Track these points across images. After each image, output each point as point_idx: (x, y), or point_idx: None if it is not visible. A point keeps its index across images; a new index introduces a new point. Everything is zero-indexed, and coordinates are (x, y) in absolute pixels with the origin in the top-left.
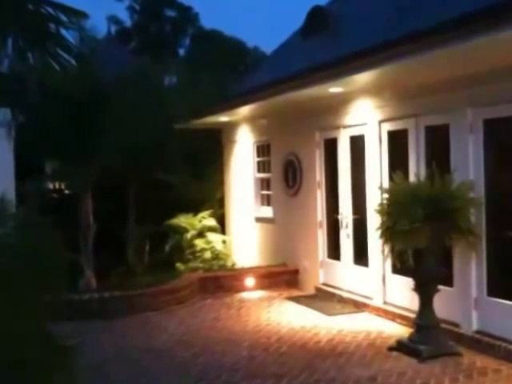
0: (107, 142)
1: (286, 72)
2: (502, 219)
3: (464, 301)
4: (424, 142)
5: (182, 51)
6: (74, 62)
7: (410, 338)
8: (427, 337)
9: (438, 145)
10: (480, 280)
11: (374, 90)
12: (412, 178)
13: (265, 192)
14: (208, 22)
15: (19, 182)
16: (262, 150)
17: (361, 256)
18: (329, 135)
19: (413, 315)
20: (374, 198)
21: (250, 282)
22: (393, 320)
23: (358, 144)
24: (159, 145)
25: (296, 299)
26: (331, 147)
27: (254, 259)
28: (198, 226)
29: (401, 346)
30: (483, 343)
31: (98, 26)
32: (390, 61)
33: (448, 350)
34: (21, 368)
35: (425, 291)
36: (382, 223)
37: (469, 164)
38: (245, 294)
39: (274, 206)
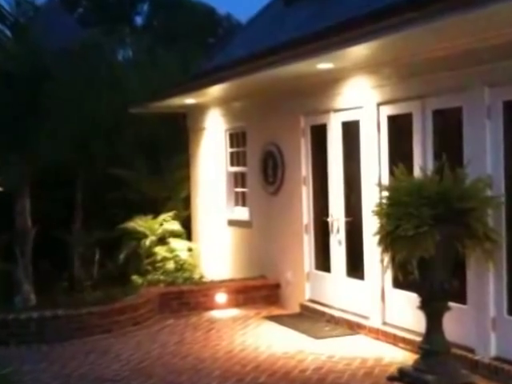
0: (49, 130)
1: (265, 45)
2: None
3: (480, 321)
4: (432, 129)
5: (139, 20)
6: (8, 32)
7: (415, 365)
8: (435, 364)
9: (449, 132)
10: (499, 296)
11: (370, 67)
12: (417, 173)
13: (239, 189)
14: None
15: None
16: (236, 138)
17: (355, 267)
18: (316, 121)
19: (418, 338)
20: (372, 197)
21: (221, 298)
22: (394, 344)
23: (351, 131)
24: (112, 133)
25: (277, 319)
26: (319, 135)
27: (226, 271)
28: (159, 230)
29: (403, 376)
30: (503, 372)
31: None
32: (390, 30)
33: (460, 380)
34: None
35: (432, 309)
36: (381, 227)
37: (486, 156)
38: (215, 313)
39: (251, 206)
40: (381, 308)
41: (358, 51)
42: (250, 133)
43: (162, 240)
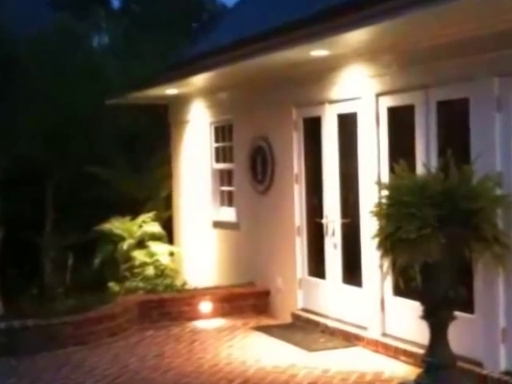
0: (17, 123)
1: (254, 30)
2: None
3: (489, 332)
4: (435, 123)
5: (115, 3)
6: None
7: (418, 380)
8: (440, 379)
9: (454, 126)
10: (510, 304)
11: (369, 54)
12: (420, 170)
13: (225, 188)
14: None
15: None
16: (222, 132)
17: (352, 273)
18: (310, 113)
19: (421, 351)
20: (370, 197)
21: (205, 307)
22: (394, 357)
23: (348, 125)
24: (87, 126)
25: (267, 330)
26: (313, 129)
27: (211, 277)
28: (138, 232)
29: None
30: None
31: None
32: (390, 14)
33: None
34: None
35: (437, 319)
36: (381, 229)
37: (495, 151)
38: (199, 324)
39: (238, 206)
40: (380, 318)
41: (356, 37)
42: (238, 126)
43: (141, 243)
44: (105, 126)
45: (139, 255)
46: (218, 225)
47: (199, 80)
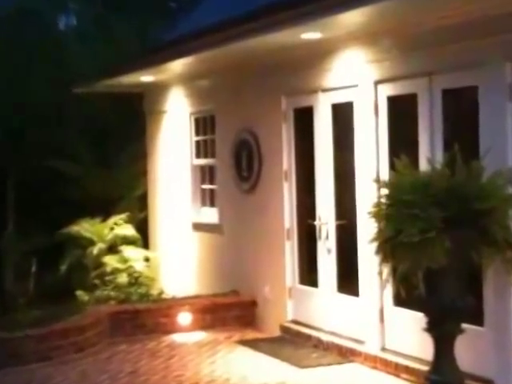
0: None
1: (239, 10)
2: None
3: (500, 346)
4: (441, 113)
5: None
6: None
7: None
8: None
9: (462, 117)
10: None
11: (367, 37)
12: (423, 166)
13: (207, 186)
14: None
15: None
16: (204, 124)
17: (348, 281)
18: (301, 103)
19: (425, 367)
20: (368, 196)
21: (184, 318)
22: (395, 374)
23: (343, 116)
24: (52, 118)
25: (253, 344)
26: (305, 120)
27: (191, 285)
28: (109, 236)
29: None
30: None
31: None
32: None
33: None
34: None
35: (442, 332)
36: (380, 232)
37: (507, 145)
38: (177, 337)
39: (221, 206)
40: (379, 330)
41: (352, 18)
42: (221, 117)
43: (112, 248)
44: (71, 118)
45: (111, 261)
46: (198, 227)
47: (178, 66)
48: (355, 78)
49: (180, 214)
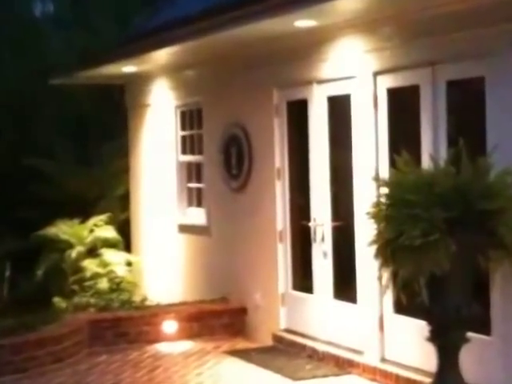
0: None
1: None
2: None
3: (508, 357)
4: (445, 106)
5: None
6: None
7: None
8: None
9: (468, 110)
10: None
11: (365, 24)
12: (426, 163)
13: (194, 185)
14: None
15: None
16: (190, 118)
17: (345, 286)
18: (294, 95)
19: (427, 379)
20: (367, 195)
21: (170, 327)
22: None
23: (340, 109)
24: (25, 111)
25: (243, 355)
26: (298, 114)
27: (176, 291)
28: (89, 238)
29: None
30: None
31: None
32: None
33: None
34: None
35: (446, 342)
36: (379, 234)
37: None
38: (162, 347)
39: (209, 207)
40: (379, 340)
41: (349, 4)
42: (208, 111)
43: (92, 251)
44: (47, 111)
45: (90, 265)
46: (184, 229)
47: (162, 55)
48: (353, 68)
49: (165, 215)
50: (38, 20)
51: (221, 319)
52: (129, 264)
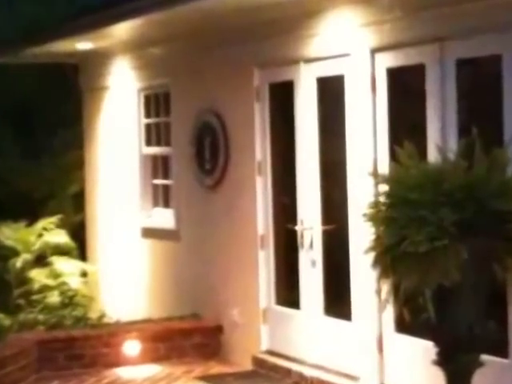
0: None
1: None
2: None
3: None
4: (455, 89)
5: None
6: None
7: None
8: None
9: (482, 93)
10: None
11: None
12: (433, 156)
13: (160, 182)
14: None
15: None
16: (156, 103)
17: (338, 301)
18: (278, 76)
19: None
20: (363, 194)
21: (132, 348)
22: None
23: (332, 92)
24: None
25: (218, 380)
26: (283, 98)
27: (139, 306)
28: (37, 244)
29: None
30: None
31: None
32: None
33: None
34: None
35: (457, 365)
36: (378, 240)
37: None
38: (123, 372)
39: (178, 207)
40: (377, 363)
41: None
42: (177, 95)
43: (41, 259)
44: None
45: (39, 276)
46: (149, 233)
47: (122, 30)
48: (347, 45)
49: (126, 217)
50: None
51: (192, 339)
52: (84, 274)
